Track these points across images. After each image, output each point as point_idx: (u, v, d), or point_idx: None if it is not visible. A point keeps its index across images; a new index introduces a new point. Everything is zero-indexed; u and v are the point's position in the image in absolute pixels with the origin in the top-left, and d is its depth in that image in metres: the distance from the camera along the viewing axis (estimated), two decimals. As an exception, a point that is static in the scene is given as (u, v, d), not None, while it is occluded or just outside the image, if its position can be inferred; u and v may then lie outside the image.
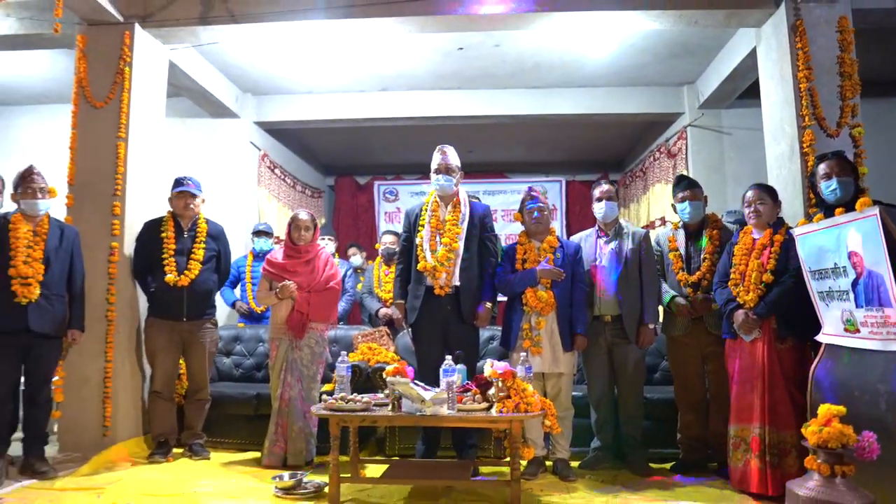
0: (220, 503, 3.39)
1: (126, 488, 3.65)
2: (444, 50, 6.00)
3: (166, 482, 3.79)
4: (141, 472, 4.08)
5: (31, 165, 4.00)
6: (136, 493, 3.55)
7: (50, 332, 3.93)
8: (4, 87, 6.78)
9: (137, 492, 3.57)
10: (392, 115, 7.14)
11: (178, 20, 4.93)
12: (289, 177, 8.00)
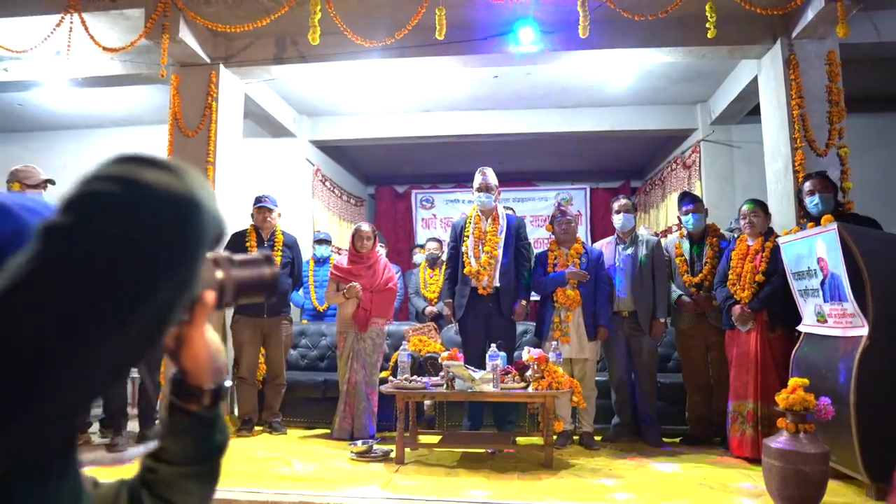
0: (309, 465, 4.18)
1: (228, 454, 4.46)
2: (480, 77, 6.76)
3: (258, 450, 4.60)
4: (234, 443, 4.89)
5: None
6: (242, 458, 4.35)
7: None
8: (93, 113, 7.68)
9: (242, 457, 4.37)
10: (433, 134, 7.91)
11: (255, 60, 5.76)
12: (336, 188, 8.82)
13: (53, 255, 0.50)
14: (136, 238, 0.52)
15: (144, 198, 0.53)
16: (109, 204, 0.52)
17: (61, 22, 5.32)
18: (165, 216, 0.54)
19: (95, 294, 0.50)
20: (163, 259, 0.54)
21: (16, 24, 5.54)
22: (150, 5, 5.22)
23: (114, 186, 0.53)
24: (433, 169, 10.16)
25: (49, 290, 0.49)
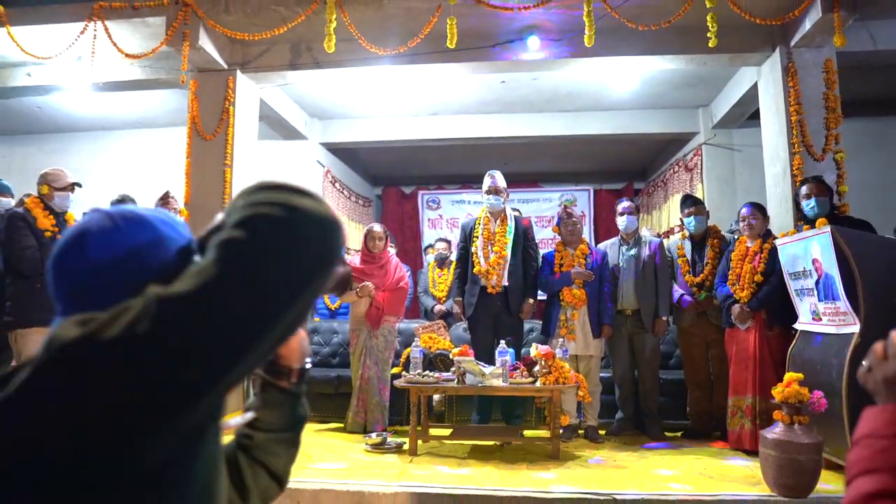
0: (325, 455, 4.37)
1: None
2: (488, 83, 6.95)
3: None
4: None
5: (167, 191, 5.03)
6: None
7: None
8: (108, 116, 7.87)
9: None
10: (440, 137, 8.10)
11: (270, 66, 5.95)
12: (345, 189, 9.01)
13: (234, 262, 0.69)
14: (295, 250, 0.71)
15: (301, 220, 0.72)
16: (276, 224, 0.71)
17: (85, 29, 5.52)
18: (316, 233, 0.73)
19: (265, 293, 0.69)
20: (313, 266, 0.73)
21: (40, 31, 5.73)
22: (171, 14, 5.42)
23: (278, 210, 0.72)
24: (439, 170, 10.35)
25: (231, 290, 0.68)
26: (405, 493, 3.50)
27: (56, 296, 0.88)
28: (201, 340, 0.68)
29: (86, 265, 0.85)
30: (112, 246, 0.86)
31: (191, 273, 0.70)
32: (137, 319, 0.68)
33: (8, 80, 6.43)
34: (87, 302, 0.82)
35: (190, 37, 5.39)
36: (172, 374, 0.67)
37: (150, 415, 0.68)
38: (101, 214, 0.91)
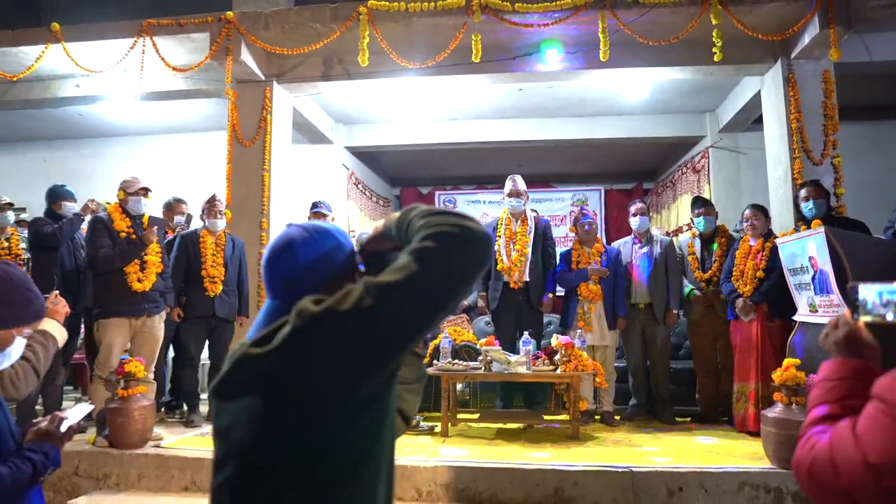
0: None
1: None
2: (506, 90, 7.35)
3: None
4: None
5: (213, 194, 5.45)
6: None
7: (228, 318, 5.37)
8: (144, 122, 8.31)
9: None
10: (458, 140, 8.52)
11: (304, 78, 6.37)
12: (367, 190, 9.44)
13: (429, 263, 1.08)
14: (468, 257, 1.10)
15: (471, 236, 1.11)
16: (457, 238, 1.10)
17: (134, 45, 5.95)
18: (480, 245, 1.11)
19: (448, 286, 1.08)
20: (477, 268, 1.11)
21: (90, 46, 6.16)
22: (215, 30, 5.85)
23: (457, 229, 1.10)
24: (456, 171, 10.76)
25: (427, 282, 1.06)
26: (443, 466, 3.91)
27: (270, 285, 1.30)
28: (405, 314, 1.06)
29: (296, 264, 1.27)
30: (312, 250, 1.28)
31: (396, 268, 1.07)
32: (362, 298, 1.06)
33: (57, 90, 6.87)
34: (295, 290, 1.24)
35: (233, 51, 5.81)
36: (385, 335, 1.06)
37: (373, 360, 1.08)
38: (299, 228, 1.33)
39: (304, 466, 1.09)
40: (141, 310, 4.64)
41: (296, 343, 1.09)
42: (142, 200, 4.74)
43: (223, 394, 1.21)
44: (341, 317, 1.06)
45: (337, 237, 1.32)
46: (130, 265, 4.58)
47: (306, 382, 1.08)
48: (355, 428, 1.11)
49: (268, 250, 1.31)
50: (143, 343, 4.72)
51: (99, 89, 6.79)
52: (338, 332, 1.06)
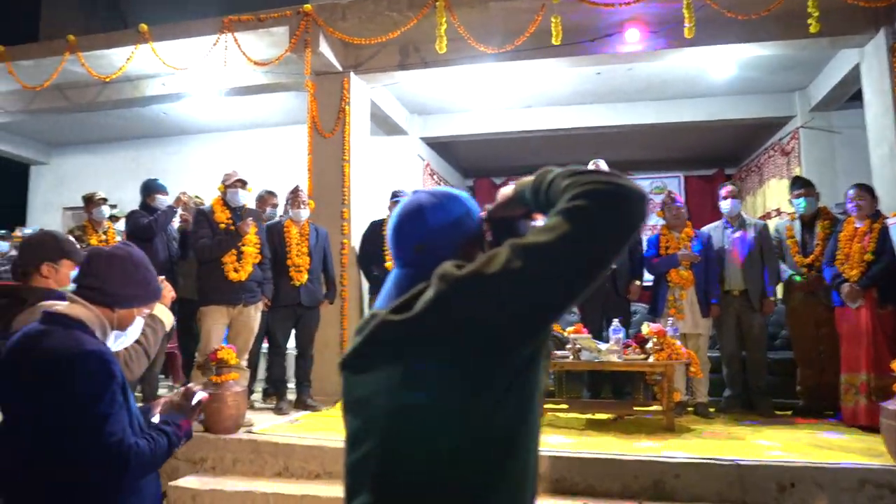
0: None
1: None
2: (583, 74, 7.15)
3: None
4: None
5: (297, 185, 5.50)
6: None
7: (313, 306, 5.42)
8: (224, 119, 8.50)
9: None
10: (533, 128, 8.36)
11: (381, 67, 6.36)
12: (442, 181, 9.41)
13: (582, 222, 0.98)
14: (623, 215, 0.99)
15: (625, 192, 1.00)
16: (610, 195, 0.99)
17: (217, 41, 6.07)
18: (636, 202, 1.00)
19: (603, 245, 0.98)
20: (633, 226, 1.00)
21: (174, 44, 6.33)
22: (294, 23, 5.90)
23: (610, 186, 1.00)
24: (530, 161, 10.50)
25: (580, 241, 0.97)
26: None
27: (398, 252, 1.25)
28: (558, 277, 0.98)
29: (426, 229, 1.21)
30: (443, 215, 1.22)
31: (545, 228, 1.00)
32: (510, 260, 0.99)
33: (145, 90, 7.09)
34: (426, 256, 1.18)
35: (311, 43, 5.85)
36: (537, 299, 0.99)
37: (523, 326, 1.01)
38: (427, 194, 1.27)
39: (454, 437, 1.03)
40: (238, 299, 4.76)
41: (441, 308, 1.03)
42: (239, 192, 4.88)
43: (357, 365, 1.16)
44: (489, 280, 1.00)
45: (465, 203, 1.27)
46: (227, 255, 4.71)
47: (452, 349, 1.02)
48: (505, 399, 1.04)
49: (396, 216, 1.25)
50: (238, 331, 4.83)
51: (183, 87, 6.97)
52: (486, 295, 1.00)
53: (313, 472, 4.15)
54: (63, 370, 1.71)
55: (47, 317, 1.83)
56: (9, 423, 1.85)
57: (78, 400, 1.70)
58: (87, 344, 1.77)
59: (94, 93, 7.21)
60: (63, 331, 1.80)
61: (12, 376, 1.81)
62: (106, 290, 1.87)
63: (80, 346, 1.75)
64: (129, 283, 1.91)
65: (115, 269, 1.89)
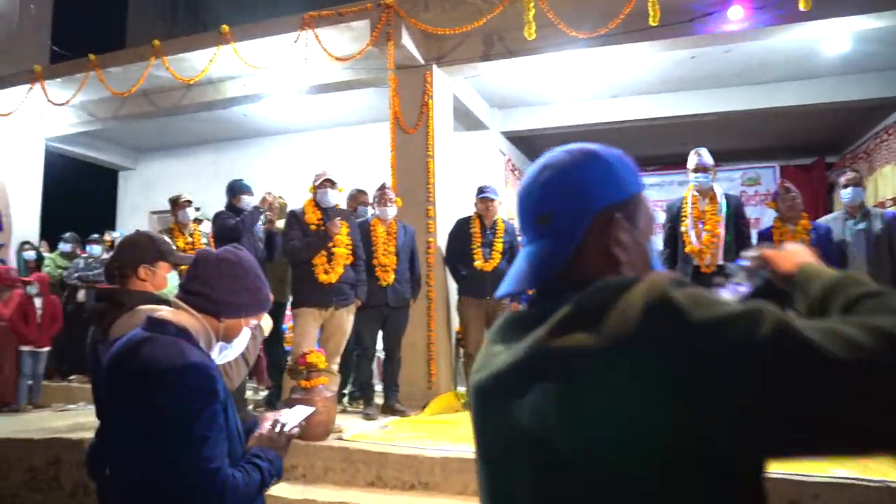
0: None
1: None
2: (676, 59, 6.72)
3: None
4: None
5: (384, 182, 5.34)
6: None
7: (401, 307, 5.24)
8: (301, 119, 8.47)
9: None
10: (620, 119, 7.98)
11: (464, 59, 6.14)
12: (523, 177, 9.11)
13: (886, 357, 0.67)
14: None
15: None
16: None
17: (298, 38, 5.98)
18: None
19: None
20: None
21: (255, 44, 6.28)
22: (375, 16, 5.74)
23: None
24: (611, 154, 10.16)
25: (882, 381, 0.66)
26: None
27: (525, 225, 0.98)
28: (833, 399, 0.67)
29: (550, 193, 0.94)
30: (571, 176, 0.94)
31: (834, 333, 0.70)
32: (763, 342, 0.69)
33: (226, 91, 7.10)
34: (551, 226, 0.92)
35: (394, 36, 5.68)
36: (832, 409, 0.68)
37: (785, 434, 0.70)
38: (562, 152, 0.99)
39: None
40: (329, 301, 4.63)
41: (648, 347, 0.74)
42: (328, 192, 4.77)
43: (507, 388, 0.90)
44: (725, 345, 0.70)
45: (612, 164, 0.97)
46: (318, 257, 4.58)
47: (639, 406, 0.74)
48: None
49: (526, 179, 0.99)
50: (329, 335, 4.71)
51: (263, 87, 6.95)
52: (744, 373, 0.69)
53: (408, 482, 3.95)
54: (162, 383, 1.54)
55: (151, 323, 1.67)
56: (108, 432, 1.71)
57: (174, 417, 1.52)
58: (191, 355, 1.60)
59: (178, 96, 7.28)
60: (166, 339, 1.64)
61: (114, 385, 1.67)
62: (213, 297, 1.70)
63: (182, 358, 1.57)
64: (238, 290, 1.72)
65: (224, 275, 1.71)
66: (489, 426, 0.96)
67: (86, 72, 7.06)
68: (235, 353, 1.84)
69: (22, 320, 6.88)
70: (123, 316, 2.33)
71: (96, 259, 7.71)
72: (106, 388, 1.72)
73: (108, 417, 1.71)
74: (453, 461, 3.85)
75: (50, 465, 5.31)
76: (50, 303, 7.13)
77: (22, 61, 8.12)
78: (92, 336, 2.75)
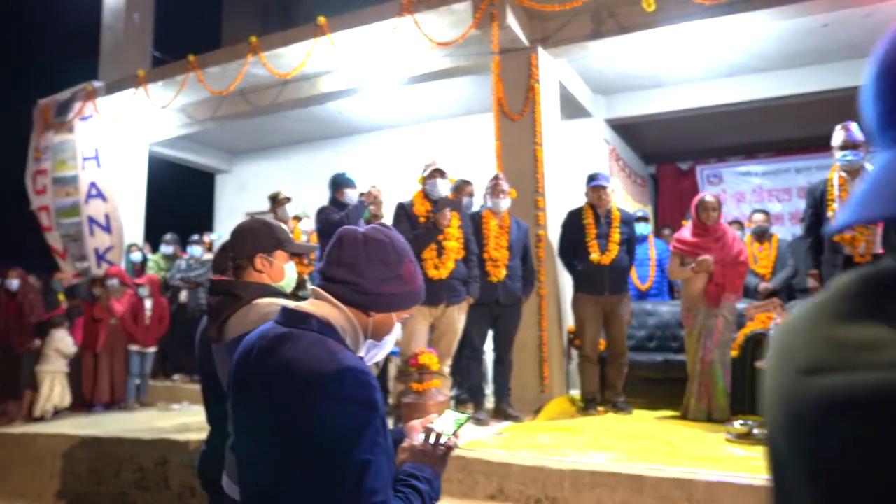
0: (685, 445, 4.00)
1: (596, 429, 4.45)
2: (806, 28, 6.07)
3: (622, 428, 4.51)
4: (590, 421, 4.86)
5: (497, 173, 5.00)
6: (610, 433, 4.31)
7: (512, 304, 4.89)
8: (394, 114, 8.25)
9: (609, 433, 4.32)
10: (736, 100, 7.33)
11: (571, 39, 5.73)
12: (627, 168, 8.59)
13: None
14: None
15: None
16: None
17: (397, 26, 5.73)
18: None
19: None
20: None
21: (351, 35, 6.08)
22: (478, -3, 5.42)
23: None
24: (721, 141, 9.48)
25: None
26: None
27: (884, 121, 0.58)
28: None
29: None
30: None
31: None
32: None
33: (322, 87, 6.96)
34: None
35: (498, 16, 5.34)
36: None
37: None
38: None
39: None
40: (439, 299, 4.33)
41: None
42: (437, 183, 4.48)
43: None
44: None
45: None
46: (427, 251, 4.29)
47: None
48: None
49: (879, 56, 0.59)
50: (440, 334, 4.41)
51: (359, 81, 6.75)
52: None
53: (532, 496, 3.60)
54: (310, 393, 1.23)
55: (288, 316, 1.38)
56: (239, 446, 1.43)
57: (328, 439, 1.21)
58: (345, 357, 1.28)
59: (274, 94, 7.20)
60: (310, 336, 1.32)
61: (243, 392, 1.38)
62: (363, 287, 1.38)
63: (335, 361, 1.25)
64: (391, 279, 1.40)
65: (374, 260, 1.39)
66: None
67: (185, 73, 7.09)
68: (384, 353, 1.53)
69: (132, 320, 6.99)
70: (240, 310, 2.08)
71: (197, 260, 7.75)
72: (233, 394, 1.44)
73: (237, 430, 1.43)
74: (584, 474, 3.46)
75: (158, 465, 5.27)
76: (158, 304, 7.21)
77: (126, 68, 8.30)
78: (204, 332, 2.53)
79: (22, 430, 6.17)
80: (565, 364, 5.61)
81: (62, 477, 5.69)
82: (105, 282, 7.19)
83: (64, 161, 8.29)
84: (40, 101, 8.69)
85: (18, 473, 5.99)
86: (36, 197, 8.53)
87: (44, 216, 8.47)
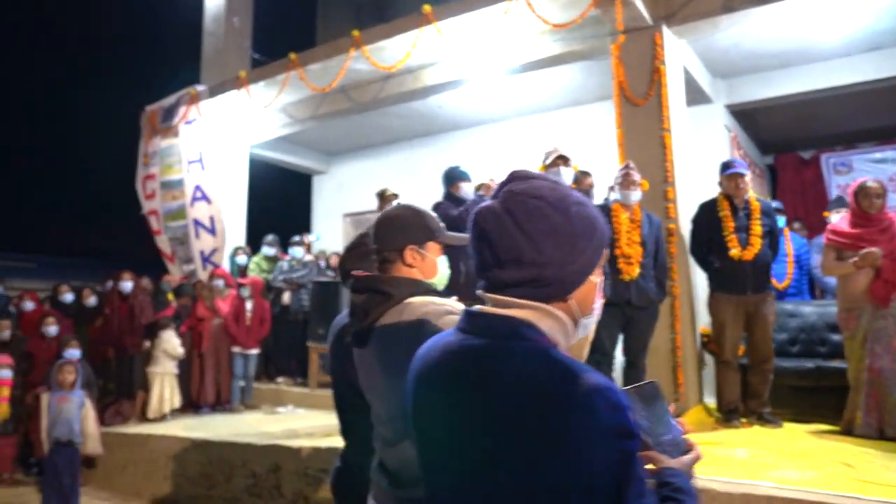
0: (866, 468, 3.47)
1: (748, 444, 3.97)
2: (972, -10, 5.35)
3: (779, 445, 4.00)
4: (737, 434, 4.35)
5: (628, 162, 4.59)
6: (769, 450, 3.82)
7: (646, 306, 4.46)
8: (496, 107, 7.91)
9: (768, 450, 3.84)
10: (877, 77, 6.57)
11: (700, 14, 5.23)
12: (748, 157, 7.95)
13: None
14: None
15: None
16: None
17: (508, 10, 5.40)
18: None
19: None
20: None
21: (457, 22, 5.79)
22: (599, -28, 5.02)
23: None
24: (851, 125, 8.62)
25: None
26: None
27: None
28: None
29: None
30: None
31: None
32: None
33: (425, 79, 6.72)
34: None
35: (620, -7, 4.93)
36: None
37: None
38: None
39: None
40: None
41: None
42: (560, 170, 4.11)
43: None
44: None
45: None
46: None
47: None
48: None
49: None
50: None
51: (465, 72, 6.45)
52: None
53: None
54: (547, 427, 0.94)
55: (481, 323, 1.10)
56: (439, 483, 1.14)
57: (585, 488, 0.93)
58: (585, 374, 0.99)
59: (376, 89, 7.03)
60: (525, 346, 1.04)
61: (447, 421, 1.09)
62: (545, 275, 1.07)
63: (575, 380, 0.97)
64: (572, 247, 1.08)
65: (542, 235, 1.07)
66: None
67: (287, 72, 7.00)
68: (596, 318, 1.20)
69: (234, 321, 6.97)
70: (391, 310, 1.79)
71: (299, 262, 7.68)
72: (420, 423, 1.16)
73: (428, 463, 1.14)
74: (760, 499, 3.01)
75: (271, 472, 5.14)
76: (259, 306, 7.17)
77: (227, 71, 8.36)
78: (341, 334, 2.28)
79: (136, 431, 6.22)
80: (698, 370, 5.12)
81: (175, 479, 5.67)
82: (211, 282, 7.21)
83: (170, 165, 8.42)
84: (147, 108, 8.88)
85: (132, 473, 6.03)
86: (146, 201, 8.72)
87: (154, 220, 8.64)
